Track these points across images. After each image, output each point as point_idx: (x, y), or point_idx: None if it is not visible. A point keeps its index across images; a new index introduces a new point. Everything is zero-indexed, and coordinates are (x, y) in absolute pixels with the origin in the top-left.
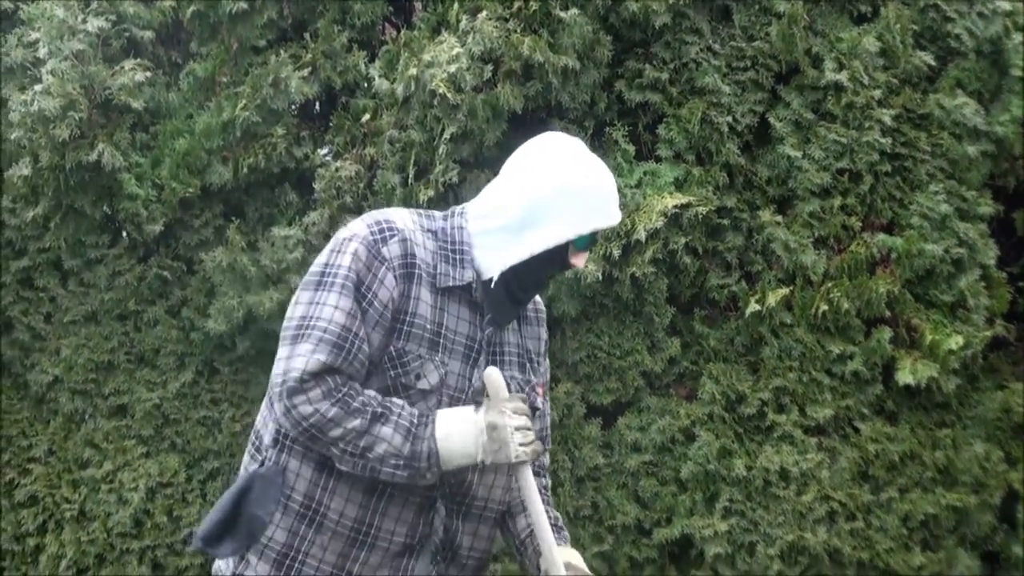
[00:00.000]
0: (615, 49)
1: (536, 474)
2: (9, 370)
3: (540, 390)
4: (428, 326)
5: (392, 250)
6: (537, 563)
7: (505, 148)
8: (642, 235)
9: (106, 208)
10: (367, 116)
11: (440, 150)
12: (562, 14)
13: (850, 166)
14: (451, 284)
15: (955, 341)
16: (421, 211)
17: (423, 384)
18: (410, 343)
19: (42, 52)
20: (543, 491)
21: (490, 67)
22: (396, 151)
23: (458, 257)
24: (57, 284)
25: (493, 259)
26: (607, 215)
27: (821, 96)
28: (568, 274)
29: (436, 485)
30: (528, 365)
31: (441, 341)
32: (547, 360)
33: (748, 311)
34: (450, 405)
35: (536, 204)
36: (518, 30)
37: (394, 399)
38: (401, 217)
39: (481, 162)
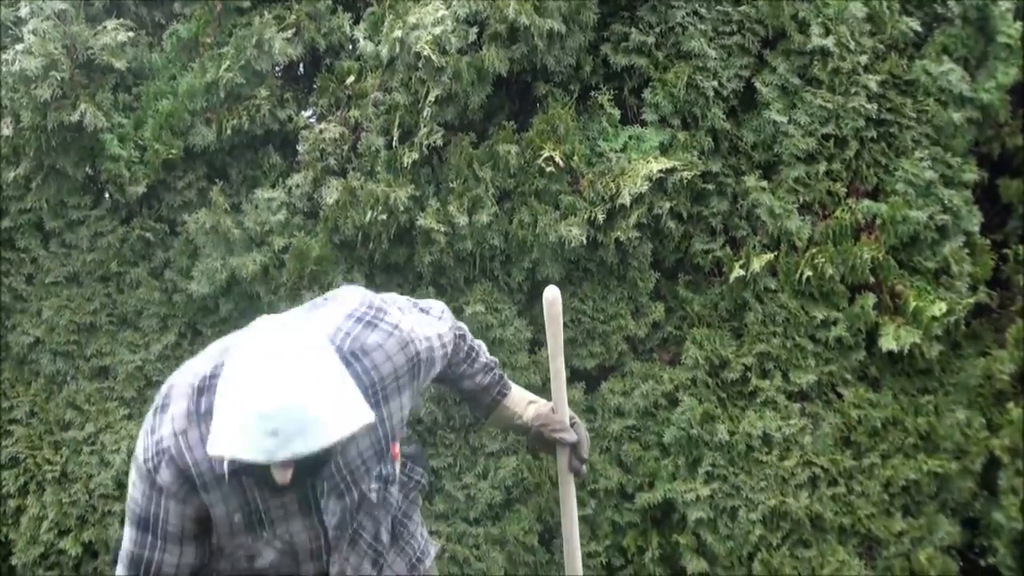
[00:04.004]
0: (601, 12)
1: (475, 358)
2: None
3: (394, 451)
4: (235, 518)
5: (163, 477)
6: (492, 408)
7: (489, 111)
8: (627, 200)
9: (88, 169)
10: (351, 78)
11: (424, 112)
12: None
13: (835, 132)
14: (235, 468)
15: (938, 307)
16: (204, 376)
17: (261, 563)
18: (222, 539)
19: (24, 11)
20: (473, 351)
21: (475, 29)
22: (380, 113)
23: None
24: (39, 245)
25: None
26: (261, 454)
27: (807, 61)
28: (552, 238)
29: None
30: (385, 444)
31: (262, 518)
32: (422, 370)
33: (732, 276)
34: (311, 557)
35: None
36: None
37: None
38: (172, 418)
39: (465, 125)
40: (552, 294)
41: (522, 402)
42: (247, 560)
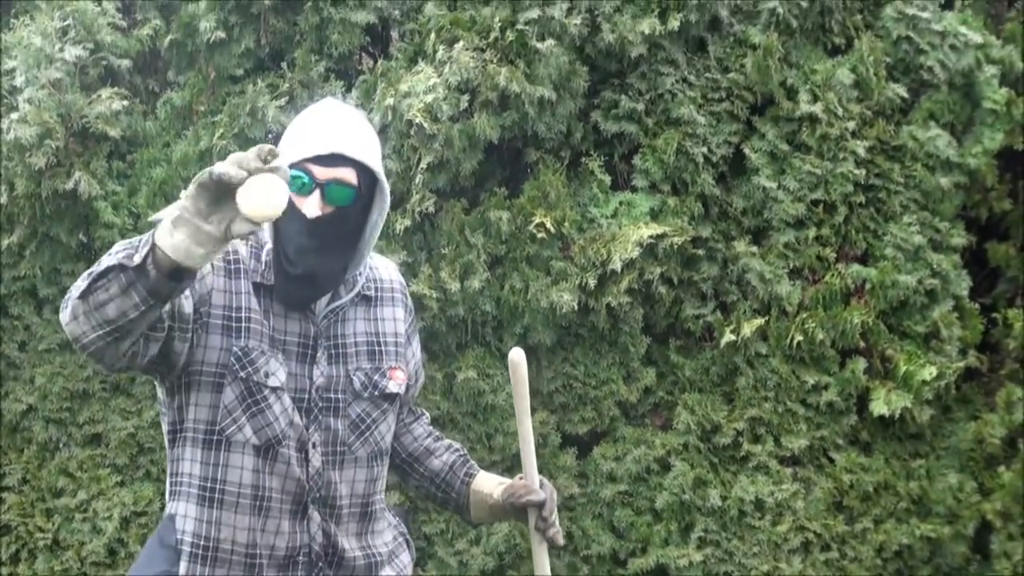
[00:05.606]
0: (591, 79)
1: (420, 416)
2: None
3: (394, 374)
4: (264, 323)
5: None
6: (467, 495)
7: (481, 177)
8: (618, 265)
9: (82, 236)
10: None
11: (416, 179)
12: (538, 45)
13: (824, 197)
14: (259, 280)
15: (928, 372)
16: None
17: (274, 381)
18: (251, 339)
19: (19, 80)
20: (435, 431)
21: (467, 97)
22: None
23: (263, 255)
24: (32, 312)
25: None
26: (311, 148)
27: (796, 127)
28: (543, 304)
29: (304, 490)
30: (379, 350)
31: (276, 338)
32: (414, 340)
33: (723, 341)
34: (295, 406)
35: None
36: (495, 60)
37: None
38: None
39: (457, 191)
40: (517, 356)
41: (491, 482)
42: (265, 375)
